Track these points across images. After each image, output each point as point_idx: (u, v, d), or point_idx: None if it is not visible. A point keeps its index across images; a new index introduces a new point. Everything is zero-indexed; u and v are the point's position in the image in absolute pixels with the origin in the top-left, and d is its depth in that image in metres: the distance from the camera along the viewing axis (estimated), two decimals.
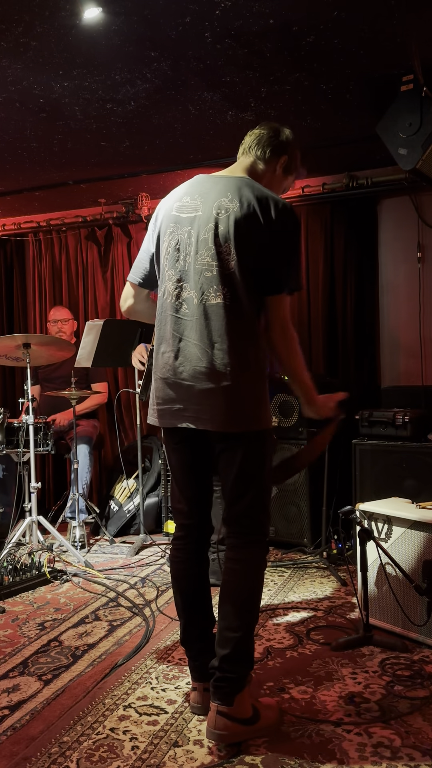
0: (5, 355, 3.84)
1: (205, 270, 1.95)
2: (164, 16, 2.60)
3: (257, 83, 3.18)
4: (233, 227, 1.93)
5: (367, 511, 2.75)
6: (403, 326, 4.46)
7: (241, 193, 1.95)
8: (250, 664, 1.97)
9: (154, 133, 3.75)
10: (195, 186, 2.06)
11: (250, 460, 1.97)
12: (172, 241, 2.03)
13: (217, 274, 1.94)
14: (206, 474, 2.12)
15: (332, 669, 2.37)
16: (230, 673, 1.91)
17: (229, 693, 1.90)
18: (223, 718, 1.89)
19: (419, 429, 3.56)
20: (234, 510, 2.01)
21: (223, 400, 1.92)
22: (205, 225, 1.97)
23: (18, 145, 3.86)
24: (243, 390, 1.93)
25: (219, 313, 1.93)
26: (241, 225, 1.92)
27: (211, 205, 1.97)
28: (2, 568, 3.32)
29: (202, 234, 1.96)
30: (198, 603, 2.10)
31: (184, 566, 2.11)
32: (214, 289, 1.94)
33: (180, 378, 1.98)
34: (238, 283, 1.93)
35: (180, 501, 2.13)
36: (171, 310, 2.01)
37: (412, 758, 1.82)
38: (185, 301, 1.98)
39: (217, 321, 1.93)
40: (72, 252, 5.39)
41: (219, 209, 1.95)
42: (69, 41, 2.75)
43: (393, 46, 2.88)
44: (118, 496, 4.68)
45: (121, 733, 1.98)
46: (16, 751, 1.90)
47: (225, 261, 1.94)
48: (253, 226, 1.92)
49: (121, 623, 2.86)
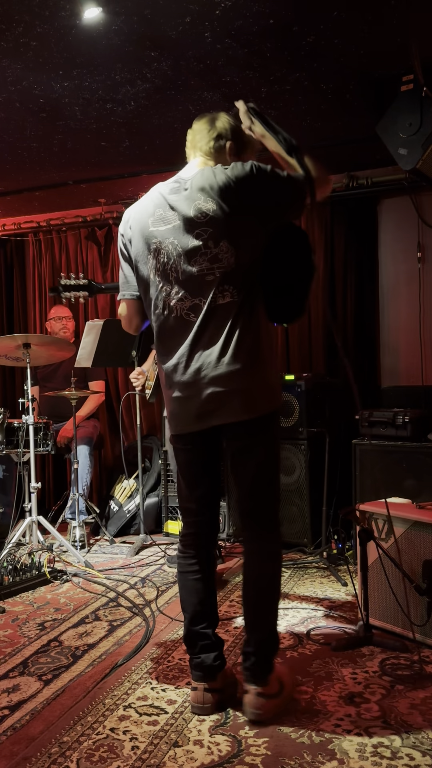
0: (5, 355, 3.84)
1: (206, 274, 1.96)
2: (164, 16, 2.60)
3: (257, 83, 3.18)
4: (221, 225, 1.94)
5: (367, 511, 2.75)
6: (403, 326, 4.46)
7: (209, 189, 1.95)
8: (278, 644, 2.14)
9: (154, 133, 3.75)
10: (162, 197, 2.04)
11: (268, 448, 2.07)
12: (159, 257, 2.01)
13: (219, 275, 1.96)
14: (215, 473, 2.17)
15: (332, 669, 2.37)
16: (267, 655, 2.06)
17: (265, 674, 2.04)
18: (261, 698, 2.02)
19: (419, 429, 3.56)
20: (256, 502, 2.08)
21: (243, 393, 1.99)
22: (190, 232, 1.97)
23: (18, 145, 3.86)
24: (260, 379, 2.00)
25: (228, 312, 1.97)
26: (227, 219, 1.93)
27: (186, 211, 1.97)
28: (2, 568, 3.32)
29: (190, 242, 1.96)
30: (204, 600, 2.13)
31: (192, 563, 2.14)
32: (221, 289, 1.96)
33: (195, 382, 2.00)
34: (241, 276, 1.97)
35: (189, 500, 2.15)
36: (173, 320, 2.02)
37: (412, 758, 1.82)
38: (192, 309, 1.99)
39: (227, 320, 1.97)
40: (72, 252, 5.39)
41: (198, 213, 1.95)
42: (69, 41, 2.75)
43: (393, 46, 2.88)
44: (118, 496, 4.68)
45: (121, 733, 1.98)
46: (16, 751, 1.90)
47: (224, 260, 1.95)
48: (237, 210, 1.94)
49: (121, 623, 2.86)
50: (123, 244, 2.13)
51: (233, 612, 2.93)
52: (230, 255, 1.95)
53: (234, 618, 2.86)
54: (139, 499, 4.36)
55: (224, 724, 2.02)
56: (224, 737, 1.94)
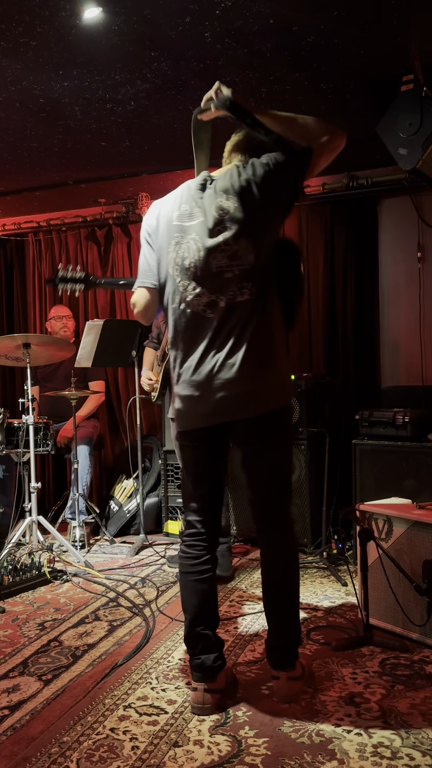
0: (5, 355, 3.84)
1: (225, 271, 1.99)
2: (164, 16, 2.60)
3: (257, 83, 3.18)
4: (241, 223, 1.97)
5: (367, 511, 2.75)
6: (403, 326, 4.46)
7: (232, 188, 2.00)
8: (300, 634, 2.25)
9: (154, 133, 3.75)
10: (188, 192, 2.09)
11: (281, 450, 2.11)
12: (179, 251, 2.04)
13: (238, 272, 1.99)
14: (221, 473, 2.20)
15: (332, 669, 2.37)
16: (293, 646, 2.17)
17: (292, 661, 2.16)
18: (291, 681, 2.14)
19: (419, 429, 3.56)
20: (271, 504, 2.13)
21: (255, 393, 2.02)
22: (211, 229, 2.00)
23: (18, 145, 3.86)
24: (272, 378, 2.04)
25: (245, 309, 2.00)
26: (246, 217, 1.98)
27: (210, 208, 2.01)
28: (2, 568, 3.32)
29: (211, 239, 2.00)
30: (205, 601, 2.15)
31: (195, 563, 2.15)
32: (239, 287, 1.99)
33: (208, 381, 2.01)
34: (259, 273, 2.00)
35: (194, 499, 2.17)
36: (190, 316, 2.03)
37: (412, 758, 1.82)
38: (209, 305, 2.01)
39: (244, 317, 2.00)
40: (72, 252, 5.39)
41: (220, 211, 1.99)
42: (69, 41, 2.75)
43: (393, 46, 2.88)
44: (118, 496, 4.68)
45: (121, 733, 1.98)
46: (16, 751, 1.90)
47: (243, 258, 1.99)
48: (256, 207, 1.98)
49: (121, 623, 2.86)
50: (148, 233, 2.15)
51: (233, 612, 2.93)
52: (249, 252, 1.99)
53: (234, 618, 2.86)
54: (139, 499, 4.36)
55: (224, 724, 2.02)
56: (224, 737, 1.94)
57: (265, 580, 2.18)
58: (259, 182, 1.99)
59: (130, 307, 2.21)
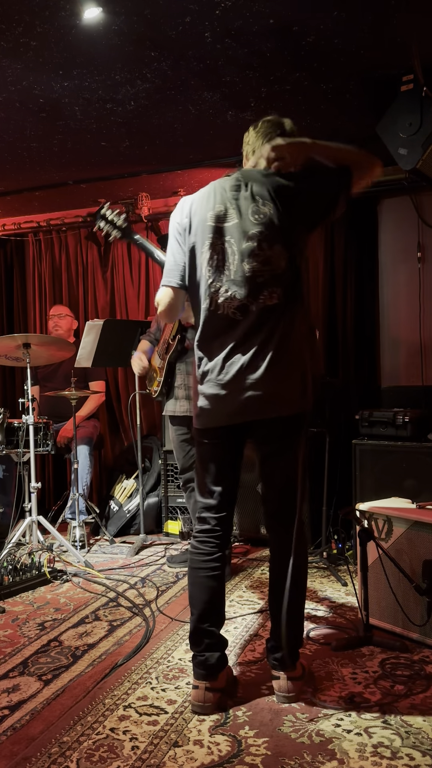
0: (5, 355, 3.84)
1: (257, 275, 2.01)
2: (164, 16, 2.60)
3: (257, 83, 3.18)
4: (276, 229, 2.00)
5: (367, 511, 2.75)
6: (403, 326, 4.46)
7: (267, 192, 2.02)
8: (303, 636, 2.27)
9: (154, 133, 3.75)
10: (222, 192, 2.07)
11: (299, 452, 2.14)
12: (213, 251, 2.04)
13: (269, 277, 2.01)
14: (238, 471, 2.22)
15: (332, 669, 2.37)
16: (296, 647, 2.18)
17: (294, 661, 2.17)
18: (292, 681, 2.15)
19: (419, 429, 3.56)
20: (286, 504, 2.14)
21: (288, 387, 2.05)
22: (246, 232, 2.01)
23: (18, 145, 3.86)
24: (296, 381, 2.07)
25: (275, 313, 2.02)
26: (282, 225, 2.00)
27: (246, 211, 2.03)
28: (2, 568, 3.31)
29: (246, 242, 2.01)
30: (214, 598, 2.16)
31: (207, 559, 2.15)
32: (270, 291, 2.02)
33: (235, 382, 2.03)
34: (289, 279, 2.04)
35: (210, 496, 2.17)
36: (221, 317, 2.04)
37: (412, 758, 1.82)
38: (239, 309, 2.02)
39: (273, 320, 2.03)
40: (72, 252, 5.39)
41: (256, 214, 2.01)
42: (69, 41, 2.75)
43: (393, 46, 2.88)
44: (118, 496, 4.68)
45: (121, 733, 1.98)
46: (16, 751, 1.90)
47: (275, 263, 2.02)
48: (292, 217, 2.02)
49: (121, 623, 2.86)
50: (178, 231, 2.12)
51: (233, 612, 2.93)
52: (282, 258, 2.02)
53: (234, 618, 2.86)
54: (139, 499, 4.36)
55: (224, 724, 2.02)
56: (224, 737, 1.94)
57: (273, 580, 2.19)
58: (300, 197, 2.03)
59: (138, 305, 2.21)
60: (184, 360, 3.46)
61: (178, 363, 3.44)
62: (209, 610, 2.14)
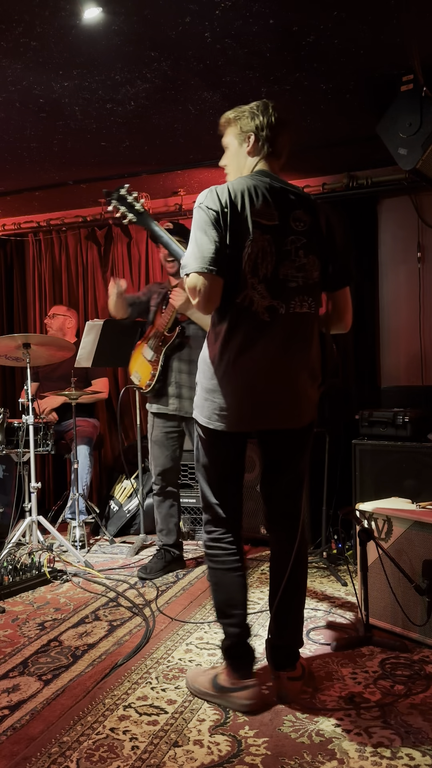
0: (5, 355, 3.84)
1: (290, 280, 2.03)
2: (164, 16, 2.60)
3: (257, 83, 3.18)
4: (314, 240, 2.05)
5: (367, 511, 2.75)
6: (403, 326, 4.46)
7: (310, 205, 2.09)
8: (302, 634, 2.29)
9: (154, 133, 3.75)
10: (261, 190, 2.04)
11: (308, 455, 2.19)
12: (253, 248, 2.00)
13: (302, 284, 2.04)
14: (243, 474, 2.23)
15: (332, 669, 2.37)
16: (297, 646, 2.21)
17: (294, 660, 2.19)
18: (291, 681, 2.15)
19: (419, 429, 3.56)
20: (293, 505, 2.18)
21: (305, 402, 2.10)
22: (284, 236, 2.03)
23: (18, 145, 3.86)
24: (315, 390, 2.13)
25: (305, 321, 2.05)
26: (320, 238, 2.06)
27: (287, 215, 2.04)
28: (2, 568, 3.31)
29: (283, 245, 2.02)
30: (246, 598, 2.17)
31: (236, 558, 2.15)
32: (300, 299, 2.04)
33: (266, 383, 2.03)
34: (319, 292, 2.09)
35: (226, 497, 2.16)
36: (253, 316, 2.02)
37: (412, 758, 1.82)
38: (268, 310, 2.02)
39: (303, 329, 2.05)
40: (72, 252, 5.39)
41: (296, 221, 2.04)
42: (69, 41, 2.75)
43: (393, 46, 2.88)
44: (118, 496, 4.68)
45: (121, 733, 1.98)
46: (16, 751, 1.90)
47: (309, 272, 2.05)
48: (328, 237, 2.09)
49: (121, 623, 2.86)
50: (216, 218, 1.97)
51: None
52: (315, 269, 2.06)
53: None
54: (139, 499, 4.36)
55: (224, 724, 2.02)
56: (224, 737, 1.94)
57: (274, 580, 2.19)
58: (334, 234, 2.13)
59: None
60: (177, 356, 3.39)
61: (174, 357, 3.39)
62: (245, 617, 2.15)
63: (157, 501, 3.54)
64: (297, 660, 2.20)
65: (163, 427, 3.47)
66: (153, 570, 3.46)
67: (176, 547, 3.56)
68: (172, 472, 3.55)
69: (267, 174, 2.10)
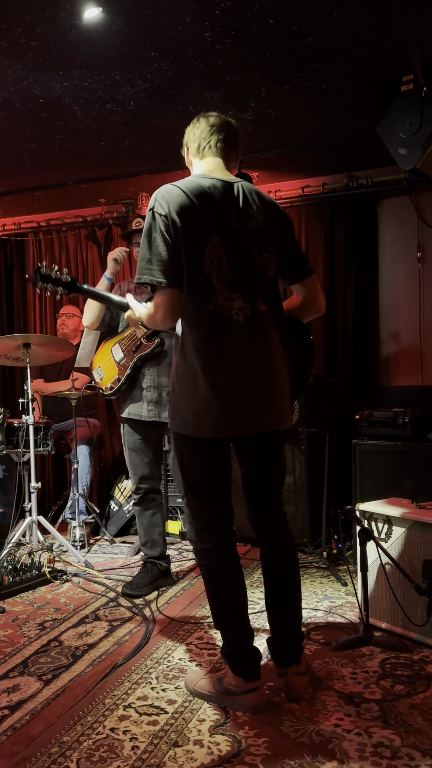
0: (5, 355, 3.84)
1: (250, 281, 2.04)
2: (164, 16, 2.60)
3: (257, 83, 3.18)
4: (266, 236, 2.05)
5: (367, 511, 2.75)
6: (403, 326, 4.46)
7: (259, 201, 2.08)
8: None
9: (154, 133, 3.75)
10: (211, 190, 2.01)
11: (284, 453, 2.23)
12: (215, 251, 1.98)
13: (262, 284, 2.05)
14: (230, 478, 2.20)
15: (332, 669, 2.37)
16: (300, 641, 2.20)
17: (299, 654, 2.18)
18: (298, 676, 2.15)
19: (419, 429, 3.56)
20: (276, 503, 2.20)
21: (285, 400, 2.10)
22: (239, 235, 2.03)
23: (18, 145, 3.86)
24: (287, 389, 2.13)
25: (267, 321, 2.05)
26: (270, 233, 2.06)
27: (238, 214, 2.04)
28: (2, 568, 3.31)
29: (241, 246, 2.02)
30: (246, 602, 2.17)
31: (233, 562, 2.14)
32: (262, 299, 2.04)
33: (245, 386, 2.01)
34: (275, 290, 2.09)
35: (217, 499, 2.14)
36: (225, 323, 2.00)
37: (412, 758, 1.82)
38: (239, 312, 2.02)
39: (266, 329, 2.05)
40: (72, 252, 5.39)
41: (248, 219, 2.04)
42: (69, 41, 2.75)
43: (393, 46, 2.88)
44: (118, 496, 4.68)
45: (121, 733, 1.98)
46: (16, 751, 1.90)
47: (265, 270, 2.06)
48: (279, 231, 2.09)
49: (121, 623, 2.86)
50: (166, 226, 1.94)
51: None
52: (269, 269, 2.07)
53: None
54: None
55: (224, 724, 2.02)
56: (224, 737, 1.94)
57: (270, 578, 2.19)
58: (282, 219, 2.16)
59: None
60: (157, 361, 3.19)
61: (148, 363, 3.20)
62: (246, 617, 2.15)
63: (138, 511, 3.33)
64: (301, 654, 2.19)
65: (136, 435, 3.27)
66: (139, 586, 3.22)
67: (163, 559, 3.33)
68: (154, 478, 3.35)
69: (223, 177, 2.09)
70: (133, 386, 3.25)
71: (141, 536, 3.35)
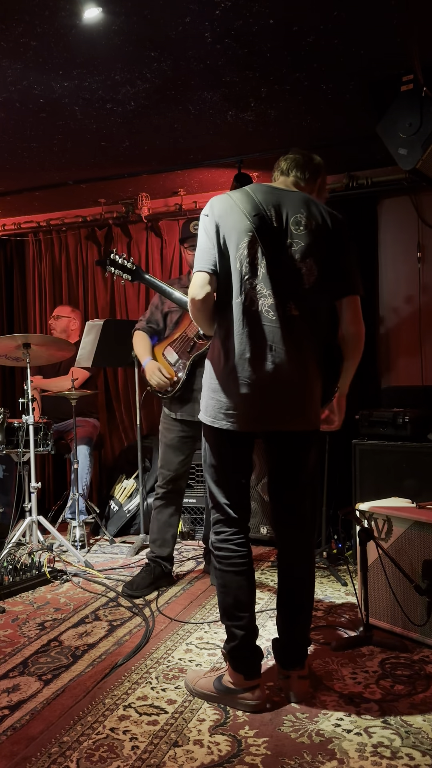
0: (5, 355, 3.84)
1: (284, 283, 2.05)
2: (164, 16, 2.60)
3: (257, 83, 3.18)
4: (313, 243, 2.06)
5: (367, 511, 2.75)
6: (403, 326, 4.46)
7: (311, 209, 2.09)
8: None
9: (154, 133, 3.75)
10: (261, 195, 2.09)
11: (316, 456, 2.23)
12: (250, 249, 2.05)
13: (296, 288, 2.06)
14: (250, 473, 2.25)
15: (332, 669, 2.37)
16: (307, 645, 2.22)
17: (304, 658, 2.19)
18: (302, 680, 2.16)
19: (419, 429, 3.56)
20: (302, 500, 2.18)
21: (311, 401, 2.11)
22: (283, 239, 2.05)
23: (18, 145, 3.86)
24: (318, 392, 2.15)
25: (299, 326, 2.06)
26: (319, 241, 2.07)
27: (285, 218, 2.07)
28: (2, 568, 3.32)
29: (281, 248, 2.05)
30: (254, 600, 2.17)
31: (249, 560, 2.15)
32: (295, 303, 2.06)
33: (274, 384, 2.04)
34: (313, 297, 2.08)
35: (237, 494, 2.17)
36: (255, 317, 2.05)
37: (412, 758, 1.82)
38: (270, 309, 2.04)
39: (298, 332, 2.06)
40: (72, 252, 5.39)
41: (296, 225, 2.06)
42: (69, 41, 2.75)
43: (393, 46, 2.88)
44: (118, 496, 4.68)
45: (121, 733, 1.98)
46: (16, 751, 1.90)
47: (306, 275, 2.06)
48: (328, 241, 2.09)
49: (121, 623, 2.86)
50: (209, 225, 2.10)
51: None
52: (311, 274, 2.07)
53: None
54: (139, 499, 4.36)
55: (224, 723, 2.02)
56: (224, 737, 1.95)
57: (285, 579, 2.19)
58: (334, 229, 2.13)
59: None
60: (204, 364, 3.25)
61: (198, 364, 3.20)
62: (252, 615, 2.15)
63: (159, 506, 3.34)
64: (306, 658, 2.20)
65: (181, 432, 3.31)
66: (139, 586, 3.22)
67: (169, 561, 3.35)
68: (182, 479, 3.38)
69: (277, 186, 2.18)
70: (187, 387, 3.28)
71: (152, 533, 3.35)
